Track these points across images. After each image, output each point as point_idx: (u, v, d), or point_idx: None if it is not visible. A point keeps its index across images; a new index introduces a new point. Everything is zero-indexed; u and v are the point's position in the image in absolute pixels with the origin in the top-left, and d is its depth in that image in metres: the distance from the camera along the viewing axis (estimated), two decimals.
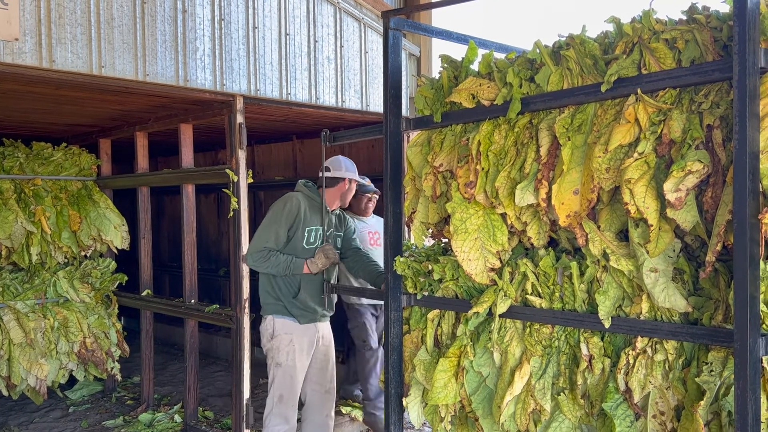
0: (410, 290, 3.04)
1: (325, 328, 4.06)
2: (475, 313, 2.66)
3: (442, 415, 2.88)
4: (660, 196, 2.12)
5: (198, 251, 8.45)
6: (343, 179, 3.98)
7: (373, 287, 3.82)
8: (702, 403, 2.00)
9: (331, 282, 3.95)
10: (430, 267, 2.91)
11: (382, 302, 3.28)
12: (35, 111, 5.03)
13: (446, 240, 3.03)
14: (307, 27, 4.82)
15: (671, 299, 2.11)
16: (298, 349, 3.89)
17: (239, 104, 4.40)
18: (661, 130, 2.14)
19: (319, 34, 4.91)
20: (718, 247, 1.97)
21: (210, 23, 4.24)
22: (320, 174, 4.02)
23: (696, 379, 2.05)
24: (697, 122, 2.08)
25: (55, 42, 3.55)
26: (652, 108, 2.17)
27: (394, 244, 3.06)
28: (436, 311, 2.93)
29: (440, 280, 2.89)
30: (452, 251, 2.72)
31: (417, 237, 3.06)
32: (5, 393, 5.11)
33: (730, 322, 2.01)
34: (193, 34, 4.15)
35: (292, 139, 6.96)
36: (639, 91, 2.18)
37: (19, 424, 5.41)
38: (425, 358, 2.94)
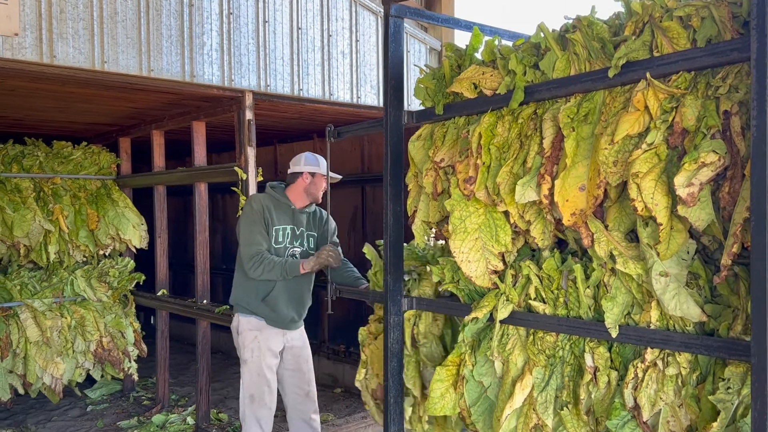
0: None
1: (294, 333, 3.90)
2: (473, 318, 2.47)
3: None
4: (671, 192, 1.90)
5: (222, 251, 8.45)
6: (302, 174, 3.79)
7: (361, 290, 3.65)
8: (716, 424, 1.78)
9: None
10: (428, 268, 2.73)
11: None
12: (49, 109, 5.03)
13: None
14: (321, 21, 4.70)
15: (683, 307, 1.89)
16: (264, 347, 3.73)
17: (248, 100, 4.30)
18: (673, 118, 1.92)
19: (334, 28, 4.77)
20: (735, 249, 1.74)
21: (218, 17, 4.14)
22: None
23: (710, 398, 1.83)
24: (713, 108, 1.86)
25: (57, 37, 3.50)
26: (663, 94, 1.95)
27: (393, 243, 2.88)
28: (413, 311, 2.80)
29: (440, 282, 2.72)
30: (451, 252, 2.54)
31: (418, 236, 2.88)
32: (21, 391, 5.12)
33: (750, 333, 1.78)
34: (200, 29, 4.06)
35: (313, 138, 6.86)
36: (648, 75, 1.96)
37: (37, 422, 5.42)
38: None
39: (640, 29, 2.06)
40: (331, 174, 3.82)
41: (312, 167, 3.79)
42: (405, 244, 3.51)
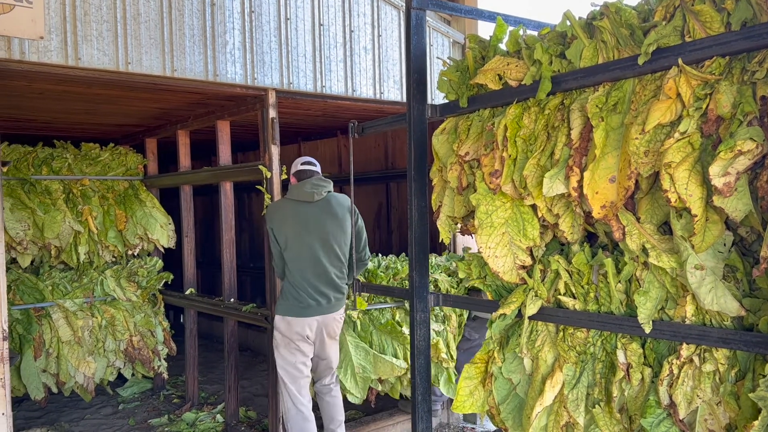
0: None
1: None
2: (501, 315, 2.42)
3: None
4: (706, 182, 1.83)
5: (249, 249, 8.49)
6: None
7: (388, 286, 3.65)
8: (756, 423, 1.71)
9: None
10: (454, 264, 2.69)
11: None
12: (77, 111, 5.09)
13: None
14: (342, 17, 4.67)
15: (720, 301, 1.82)
16: None
17: (271, 98, 4.29)
18: (707, 106, 1.85)
19: (356, 23, 4.74)
20: None
21: (240, 16, 4.14)
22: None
23: (750, 395, 1.75)
24: (750, 94, 1.78)
25: (81, 40, 3.53)
26: (696, 80, 1.88)
27: (418, 239, 2.85)
28: None
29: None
30: (478, 247, 2.49)
31: (444, 232, 2.84)
32: (55, 390, 5.20)
33: None
34: (222, 28, 4.06)
35: (337, 135, 6.85)
36: (680, 61, 1.89)
37: (71, 420, 5.51)
38: None
39: (670, 14, 1.99)
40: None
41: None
42: None
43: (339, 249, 3.91)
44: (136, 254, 5.94)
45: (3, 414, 3.27)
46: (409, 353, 4.38)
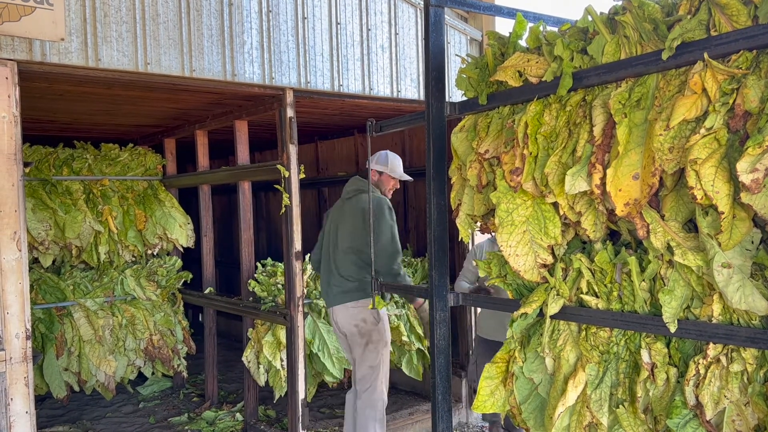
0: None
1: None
2: (522, 314, 2.40)
3: None
4: (733, 179, 1.79)
5: (267, 248, 8.51)
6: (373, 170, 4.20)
7: (408, 285, 3.69)
8: None
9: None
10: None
11: None
12: (97, 112, 5.13)
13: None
14: (360, 15, 4.66)
15: (748, 300, 1.78)
16: None
17: (289, 98, 4.29)
18: (734, 101, 1.81)
19: (372, 22, 4.73)
20: None
21: (257, 15, 4.15)
22: (368, 166, 4.03)
23: None
24: None
25: (101, 41, 3.55)
26: (722, 75, 1.84)
27: (437, 238, 2.83)
28: None
29: None
30: (498, 245, 2.47)
31: (463, 230, 2.82)
32: (76, 389, 5.26)
33: None
34: (240, 28, 4.07)
35: (353, 134, 6.85)
36: (705, 55, 1.85)
37: (93, 418, 5.56)
38: None
39: (695, 8, 1.95)
40: (402, 174, 4.29)
41: (379, 167, 4.22)
42: None
43: (351, 248, 4.06)
44: (155, 254, 5.98)
45: (27, 412, 3.30)
46: None
